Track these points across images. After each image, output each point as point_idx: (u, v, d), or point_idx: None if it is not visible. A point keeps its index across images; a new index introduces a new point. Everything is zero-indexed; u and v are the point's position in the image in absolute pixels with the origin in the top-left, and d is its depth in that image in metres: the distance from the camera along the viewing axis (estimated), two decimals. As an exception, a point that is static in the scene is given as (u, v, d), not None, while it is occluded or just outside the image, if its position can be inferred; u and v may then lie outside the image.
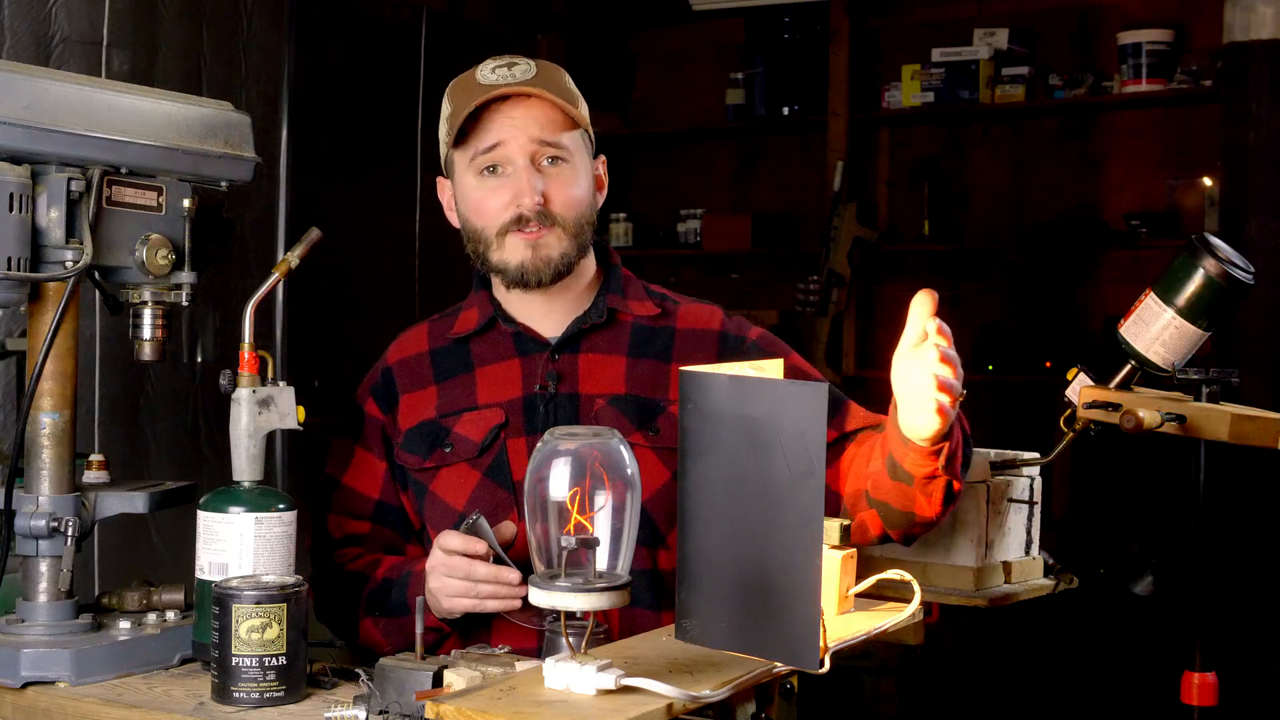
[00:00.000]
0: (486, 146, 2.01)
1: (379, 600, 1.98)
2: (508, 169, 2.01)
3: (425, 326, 2.17)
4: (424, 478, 2.05)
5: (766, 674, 1.42)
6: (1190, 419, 1.99)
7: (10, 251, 1.61)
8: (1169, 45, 4.85)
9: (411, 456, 2.06)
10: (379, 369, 2.15)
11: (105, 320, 2.67)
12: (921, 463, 1.75)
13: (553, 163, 2.02)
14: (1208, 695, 2.07)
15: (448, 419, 2.05)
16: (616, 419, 1.99)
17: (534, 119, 2.00)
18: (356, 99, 4.26)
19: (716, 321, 2.12)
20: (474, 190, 2.04)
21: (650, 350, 2.07)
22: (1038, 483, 2.21)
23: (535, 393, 2.04)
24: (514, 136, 2.00)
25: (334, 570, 2.07)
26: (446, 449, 2.03)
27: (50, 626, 1.70)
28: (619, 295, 2.11)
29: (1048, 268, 5.18)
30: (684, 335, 2.09)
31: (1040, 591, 2.20)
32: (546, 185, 2.00)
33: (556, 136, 2.01)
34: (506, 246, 2.02)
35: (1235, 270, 1.99)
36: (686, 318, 2.12)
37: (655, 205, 5.71)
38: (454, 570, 1.85)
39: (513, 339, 2.08)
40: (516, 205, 2.00)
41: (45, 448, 1.71)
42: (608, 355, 2.07)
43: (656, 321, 2.10)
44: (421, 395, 2.09)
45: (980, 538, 2.10)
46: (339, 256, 3.68)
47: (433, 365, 2.11)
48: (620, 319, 2.09)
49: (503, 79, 2.00)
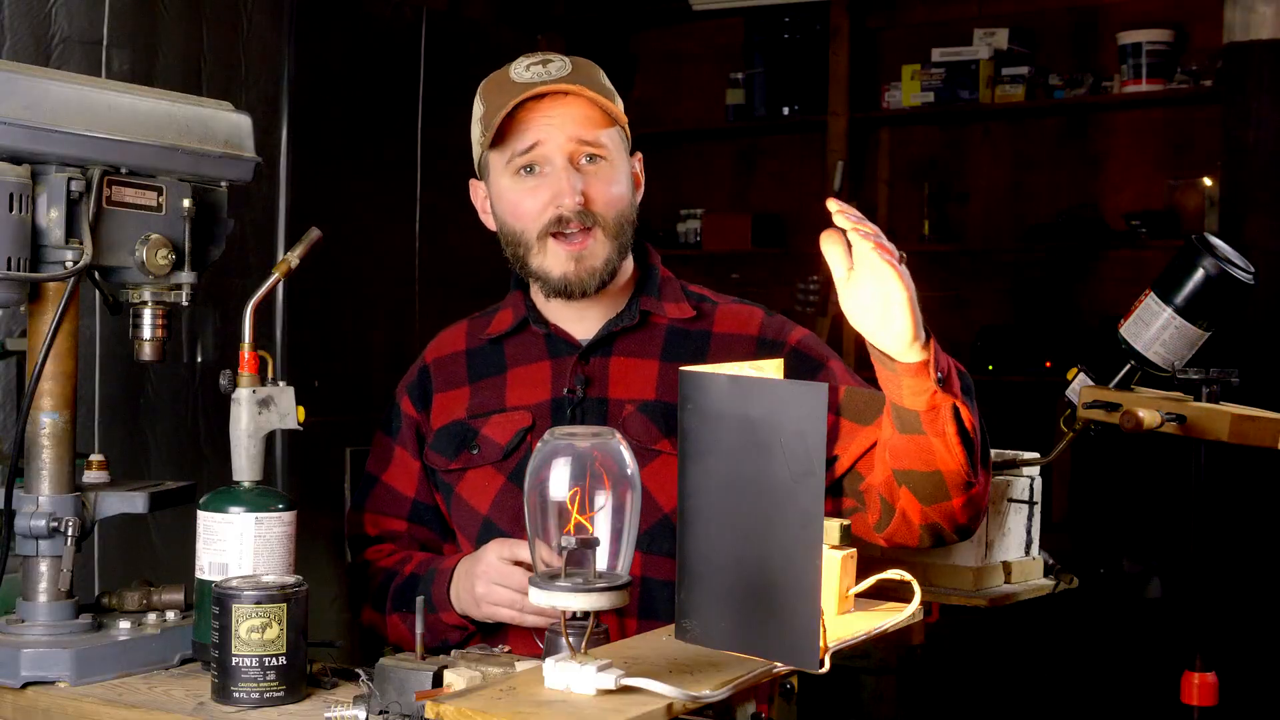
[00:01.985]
0: (524, 147, 1.97)
1: (406, 595, 1.96)
2: (546, 169, 1.98)
3: (464, 325, 2.15)
4: (450, 479, 2.04)
5: (766, 674, 1.42)
6: (1190, 419, 1.99)
7: (10, 251, 1.61)
8: (1169, 45, 4.85)
9: (439, 457, 2.05)
10: (416, 367, 2.13)
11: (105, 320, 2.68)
12: (917, 388, 1.67)
13: (591, 161, 1.98)
14: (1208, 695, 2.07)
15: (476, 420, 2.04)
16: (645, 426, 1.96)
17: (572, 117, 1.97)
18: (356, 99, 4.26)
19: (755, 325, 2.07)
20: (510, 191, 2.01)
21: (684, 354, 2.02)
22: (1038, 483, 2.21)
23: (563, 396, 2.02)
24: (552, 136, 1.96)
25: (366, 565, 2.07)
26: (473, 451, 2.02)
27: (50, 626, 1.70)
28: (654, 297, 2.07)
29: (1048, 268, 5.18)
30: (720, 339, 2.05)
31: (1040, 591, 2.20)
32: (586, 184, 1.97)
33: (595, 134, 1.98)
34: (549, 253, 1.98)
35: (1235, 270, 1.99)
36: (724, 320, 2.07)
37: (655, 205, 5.71)
38: (507, 580, 1.83)
39: (544, 340, 2.06)
40: (556, 206, 1.96)
41: (45, 448, 1.71)
42: (640, 359, 2.03)
43: (692, 324, 2.06)
44: (455, 395, 2.08)
45: (980, 538, 2.10)
46: (339, 256, 3.68)
47: (468, 365, 2.09)
48: (654, 321, 2.06)
49: (538, 76, 1.96)
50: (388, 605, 2.00)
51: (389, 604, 2.00)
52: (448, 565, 1.94)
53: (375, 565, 2.06)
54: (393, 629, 2.01)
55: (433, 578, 1.94)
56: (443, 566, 1.95)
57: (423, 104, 4.42)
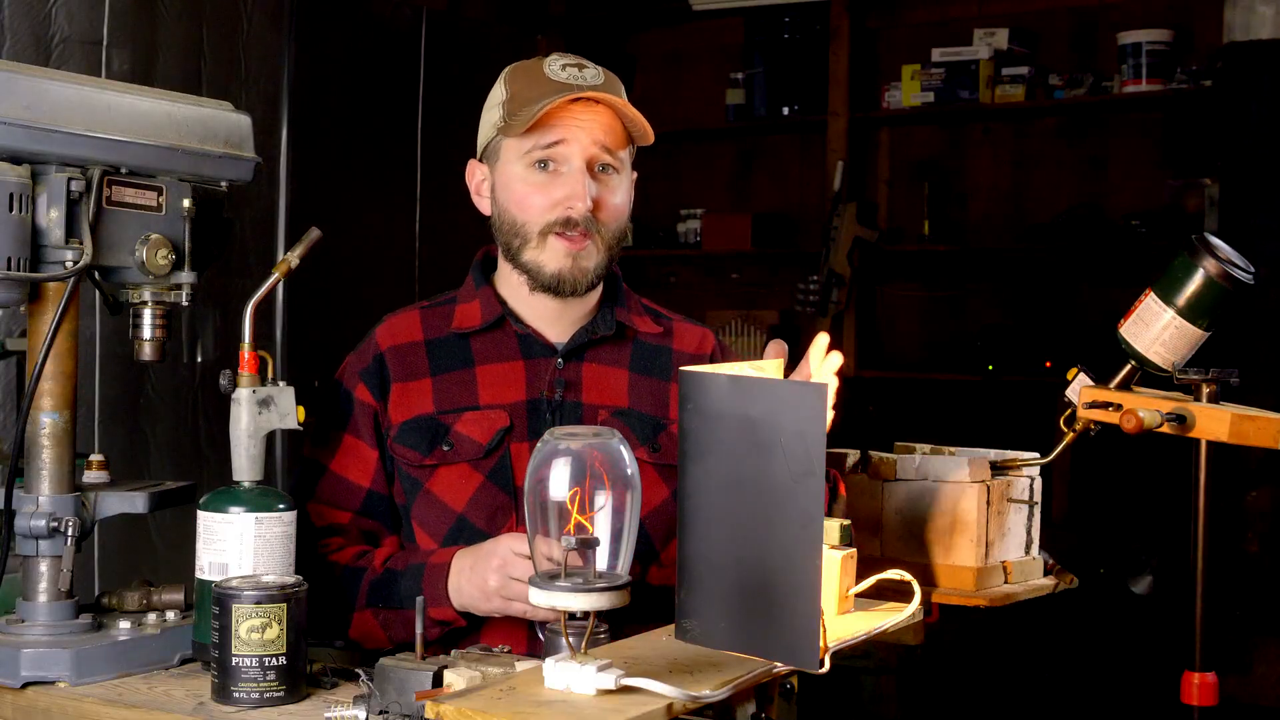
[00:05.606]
0: (549, 141, 1.99)
1: (383, 591, 1.94)
2: (562, 168, 2.00)
3: (416, 313, 2.13)
4: (421, 475, 2.03)
5: (766, 674, 1.42)
6: (1190, 419, 1.99)
7: (10, 251, 1.61)
8: (1169, 45, 4.85)
9: (410, 451, 2.03)
10: (369, 353, 2.09)
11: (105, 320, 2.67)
12: None
13: (605, 170, 2.02)
14: (1208, 695, 2.07)
15: (447, 416, 2.03)
16: (621, 431, 1.98)
17: (601, 125, 2.00)
18: (356, 99, 4.26)
19: (709, 347, 2.15)
20: (520, 182, 2.02)
21: (652, 368, 2.09)
22: (1038, 483, 2.21)
23: (540, 398, 2.03)
24: (578, 138, 1.99)
25: (316, 560, 2.00)
26: (447, 448, 2.01)
27: (50, 626, 1.70)
28: (623, 308, 2.12)
29: (1048, 268, 5.18)
30: (679, 357, 2.12)
31: (1040, 591, 2.20)
32: (598, 193, 2.00)
33: (616, 147, 2.02)
34: (548, 249, 2.01)
35: (1235, 270, 1.98)
36: (682, 339, 2.15)
37: (655, 205, 5.71)
38: (525, 573, 1.81)
39: (518, 340, 2.07)
40: (568, 207, 1.99)
41: (45, 448, 1.71)
42: (612, 368, 2.08)
43: (659, 340, 2.12)
44: (415, 386, 2.06)
45: (980, 538, 2.10)
46: (339, 256, 3.68)
47: (429, 356, 2.08)
48: (626, 333, 2.11)
49: (574, 78, 1.99)
50: (360, 600, 1.96)
51: (362, 599, 1.96)
52: (439, 560, 1.92)
53: (326, 560, 2.00)
54: (358, 626, 1.97)
55: (421, 572, 1.92)
56: (433, 562, 1.92)
57: (423, 104, 4.42)
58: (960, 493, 2.10)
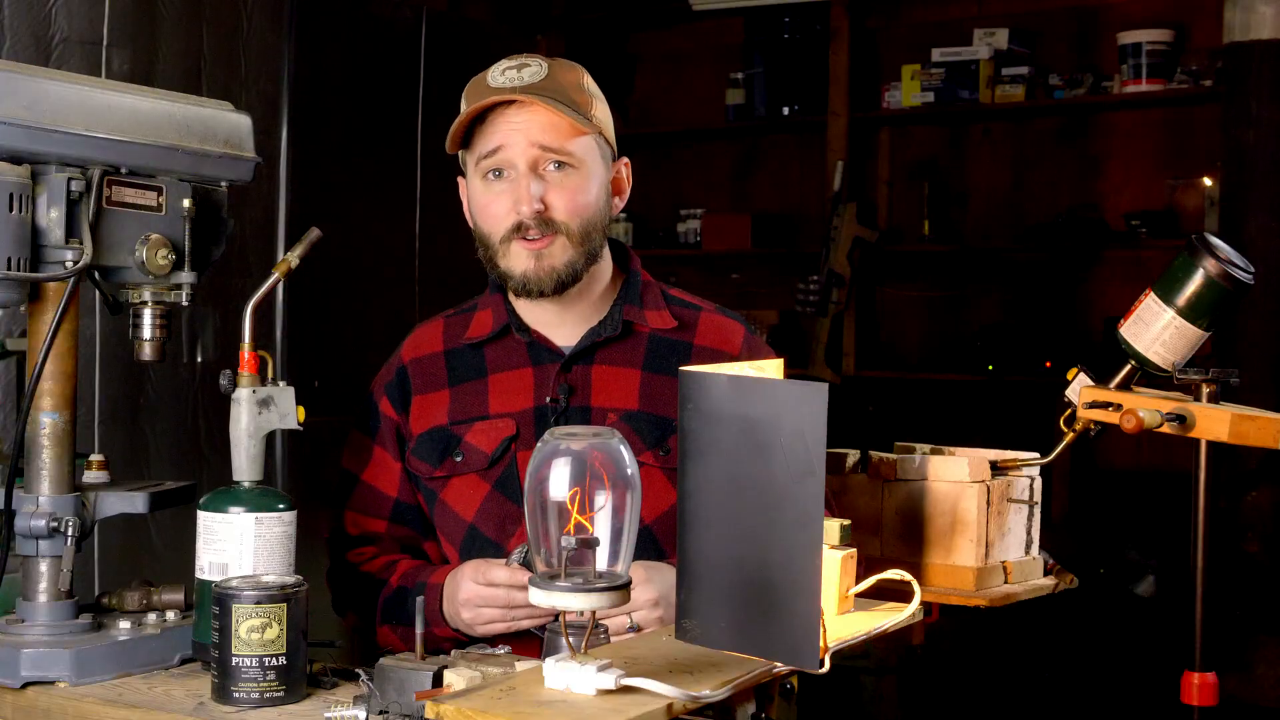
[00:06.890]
0: (488, 150, 1.99)
1: (395, 609, 1.98)
2: (510, 174, 1.99)
3: (440, 324, 2.14)
4: (435, 486, 2.04)
5: (766, 674, 1.42)
6: (1190, 419, 1.99)
7: (10, 251, 1.61)
8: (1169, 45, 4.85)
9: (423, 464, 2.05)
10: (394, 365, 2.12)
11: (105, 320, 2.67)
12: None
13: (558, 168, 1.98)
14: (1208, 695, 2.07)
15: (459, 426, 2.04)
16: (628, 436, 1.96)
17: (537, 124, 1.97)
18: (356, 99, 4.25)
19: (736, 343, 2.07)
20: (480, 194, 2.02)
21: (666, 365, 2.03)
22: (1038, 483, 2.21)
23: (546, 405, 2.02)
24: (515, 141, 1.97)
25: (349, 569, 2.07)
26: (457, 458, 2.02)
27: (50, 626, 1.70)
28: (636, 305, 2.06)
29: (1048, 268, 5.18)
30: (700, 353, 2.05)
31: (1040, 591, 2.20)
32: (548, 192, 1.97)
33: (561, 143, 1.97)
34: (511, 254, 1.99)
35: (1235, 270, 1.98)
36: (706, 333, 2.07)
37: (655, 205, 5.71)
38: (492, 602, 1.86)
39: (526, 347, 2.05)
40: (516, 212, 1.97)
41: (45, 448, 1.71)
42: (623, 368, 2.03)
43: (674, 334, 2.06)
44: (434, 398, 2.07)
45: (980, 538, 2.10)
46: (339, 256, 3.67)
47: (447, 367, 2.08)
48: (637, 330, 2.06)
49: (510, 81, 1.97)
50: (377, 617, 2.01)
51: (379, 615, 2.01)
52: (435, 581, 1.94)
53: (359, 570, 2.06)
54: (383, 638, 2.02)
55: (422, 592, 1.94)
56: (431, 581, 1.95)
57: (423, 104, 4.41)
58: (960, 493, 2.10)
